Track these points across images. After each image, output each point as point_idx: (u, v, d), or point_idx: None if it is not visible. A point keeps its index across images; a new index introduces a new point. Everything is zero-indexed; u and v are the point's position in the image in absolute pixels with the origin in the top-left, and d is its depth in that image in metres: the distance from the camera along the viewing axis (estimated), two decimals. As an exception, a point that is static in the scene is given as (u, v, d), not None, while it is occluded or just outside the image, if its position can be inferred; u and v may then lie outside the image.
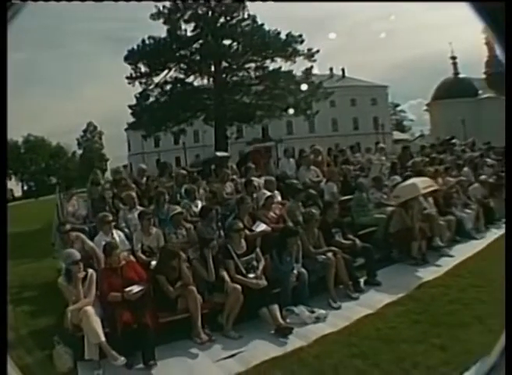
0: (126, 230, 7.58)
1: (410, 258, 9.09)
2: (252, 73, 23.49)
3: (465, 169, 15.19)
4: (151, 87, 24.48)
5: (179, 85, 24.07)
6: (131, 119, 26.82)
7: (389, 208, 10.03)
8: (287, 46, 22.99)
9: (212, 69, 23.83)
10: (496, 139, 51.78)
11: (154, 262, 6.40)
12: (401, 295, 7.28)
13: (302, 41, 23.50)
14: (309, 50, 23.75)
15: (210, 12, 23.30)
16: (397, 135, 77.45)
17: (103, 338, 5.16)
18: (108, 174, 39.93)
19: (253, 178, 10.18)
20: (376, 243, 9.26)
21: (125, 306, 5.47)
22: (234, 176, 10.78)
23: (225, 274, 6.22)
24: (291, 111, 22.80)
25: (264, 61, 23.45)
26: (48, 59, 50.94)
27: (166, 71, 24.35)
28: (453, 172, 14.21)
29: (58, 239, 7.39)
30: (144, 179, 10.49)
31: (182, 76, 24.45)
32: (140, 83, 24.49)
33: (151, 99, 24.38)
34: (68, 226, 6.86)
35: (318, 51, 24.49)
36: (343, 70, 57.39)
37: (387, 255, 9.27)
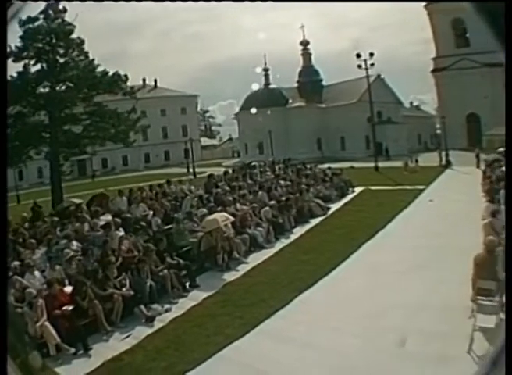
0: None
1: (217, 266, 14.02)
2: (82, 109, 26.28)
3: (260, 193, 20.02)
4: None
5: (20, 120, 25.45)
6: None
7: (200, 234, 14.89)
8: (114, 84, 26.40)
9: (49, 105, 25.71)
10: (302, 146, 59.17)
11: (65, 288, 10.27)
12: (213, 292, 12.25)
13: (126, 80, 27.25)
14: (131, 87, 27.69)
15: (52, 51, 25.14)
16: (205, 141, 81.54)
17: (58, 339, 9.12)
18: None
19: (102, 218, 14.25)
20: (193, 258, 14.12)
21: (64, 318, 9.58)
22: (86, 216, 14.68)
23: (111, 290, 10.45)
24: None
25: (93, 98, 26.41)
26: None
27: (11, 107, 25.58)
28: (250, 196, 19.13)
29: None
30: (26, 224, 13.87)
31: (25, 110, 25.81)
32: None
33: None
34: (10, 273, 10.34)
35: (139, 89, 28.71)
36: (155, 81, 59.32)
37: (201, 266, 13.99)
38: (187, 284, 12.53)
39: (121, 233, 13.58)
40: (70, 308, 9.75)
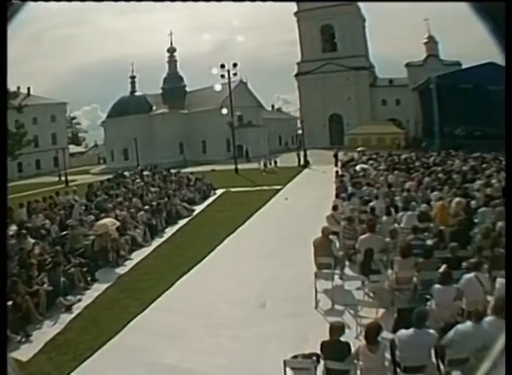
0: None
1: (109, 263, 16.88)
2: None
3: (134, 199, 22.85)
4: None
5: None
6: None
7: (92, 237, 17.63)
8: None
9: None
10: (166, 151, 61.14)
11: (2, 289, 12.77)
12: (111, 283, 15.24)
13: (16, 96, 27.86)
14: (19, 104, 28.47)
15: None
16: (73, 148, 79.68)
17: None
18: None
19: (9, 228, 16.53)
20: (89, 257, 16.68)
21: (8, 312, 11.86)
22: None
23: (36, 287, 13.13)
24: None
25: None
26: None
27: None
28: (126, 203, 21.91)
29: None
30: None
31: None
32: None
33: None
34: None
35: (26, 105, 29.65)
36: (28, 89, 56.76)
37: (96, 264, 16.49)
38: (89, 279, 15.16)
39: (32, 240, 16.01)
40: (11, 303, 11.88)
